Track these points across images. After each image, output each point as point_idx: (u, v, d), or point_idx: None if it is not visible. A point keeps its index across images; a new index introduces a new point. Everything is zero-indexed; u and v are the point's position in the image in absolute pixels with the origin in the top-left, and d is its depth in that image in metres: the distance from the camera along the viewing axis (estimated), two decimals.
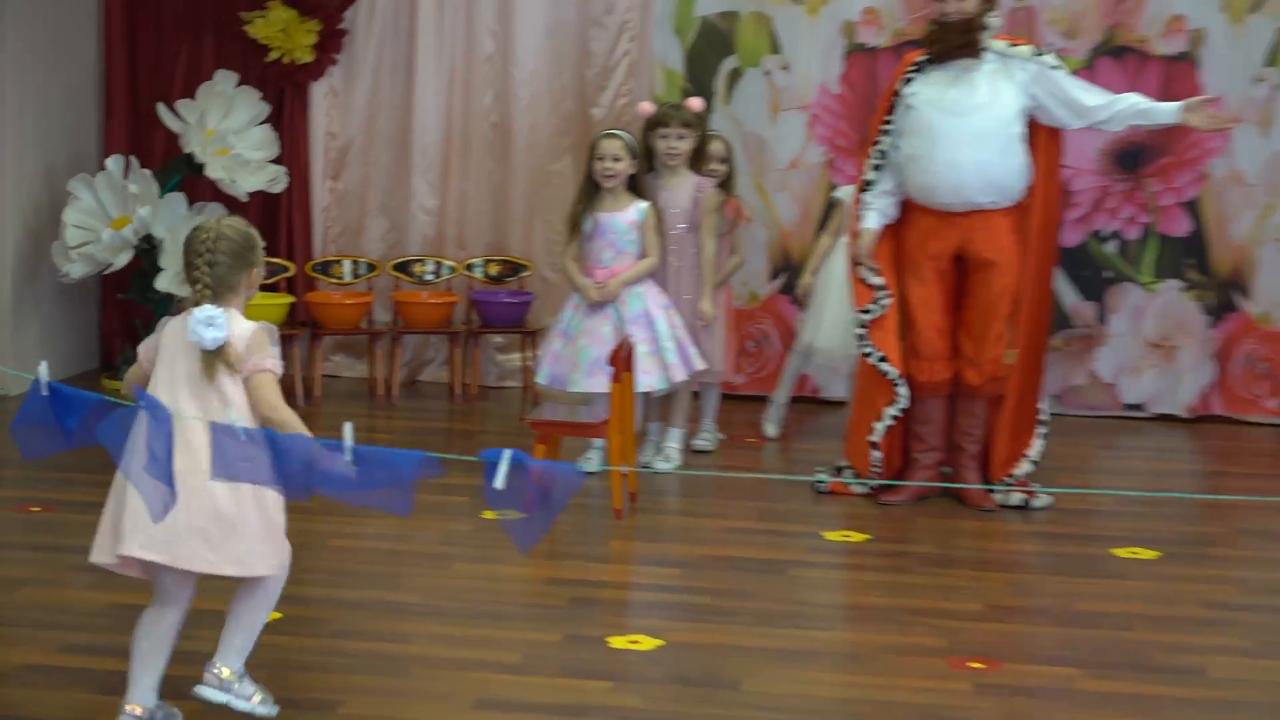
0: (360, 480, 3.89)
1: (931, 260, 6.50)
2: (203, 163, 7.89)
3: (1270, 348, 8.16)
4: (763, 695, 4.58)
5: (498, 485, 3.58)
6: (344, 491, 3.88)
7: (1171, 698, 4.64)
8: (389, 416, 7.58)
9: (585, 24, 8.35)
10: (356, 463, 3.82)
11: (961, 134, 6.30)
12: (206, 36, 8.30)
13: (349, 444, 3.62)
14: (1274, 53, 7.88)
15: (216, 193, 8.02)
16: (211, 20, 8.28)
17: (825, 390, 8.18)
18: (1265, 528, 6.48)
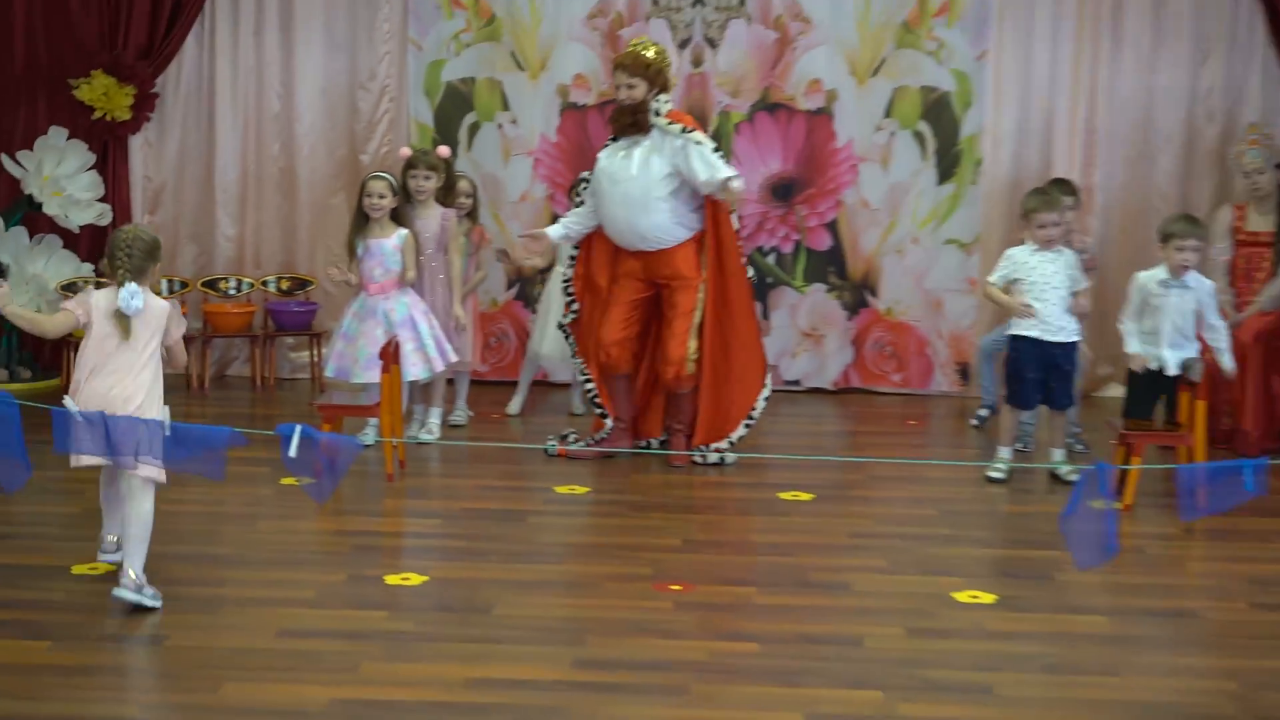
0: (181, 452, 4.80)
1: (625, 276, 7.07)
2: (41, 202, 8.49)
3: (894, 335, 9.09)
4: (508, 617, 4.90)
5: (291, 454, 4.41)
6: (170, 461, 4.71)
7: (826, 606, 5.10)
8: (202, 404, 7.94)
9: (353, 87, 9.00)
10: (176, 439, 4.64)
11: (615, 198, 6.90)
12: (41, 99, 8.70)
13: (168, 422, 4.48)
14: (890, 106, 8.86)
15: (53, 226, 8.60)
16: (45, 85, 8.72)
17: (553, 375, 8.79)
18: (893, 475, 7.07)
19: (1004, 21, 8.72)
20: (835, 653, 4.72)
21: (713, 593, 5.31)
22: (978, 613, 5.18)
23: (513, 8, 8.77)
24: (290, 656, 4.55)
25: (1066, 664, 4.71)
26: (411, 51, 8.86)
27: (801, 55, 8.75)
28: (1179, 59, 8.69)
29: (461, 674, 4.44)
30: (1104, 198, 8.81)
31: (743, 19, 8.85)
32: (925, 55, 8.75)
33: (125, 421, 4.58)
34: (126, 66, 8.55)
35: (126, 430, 4.61)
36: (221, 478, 4.81)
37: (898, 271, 8.95)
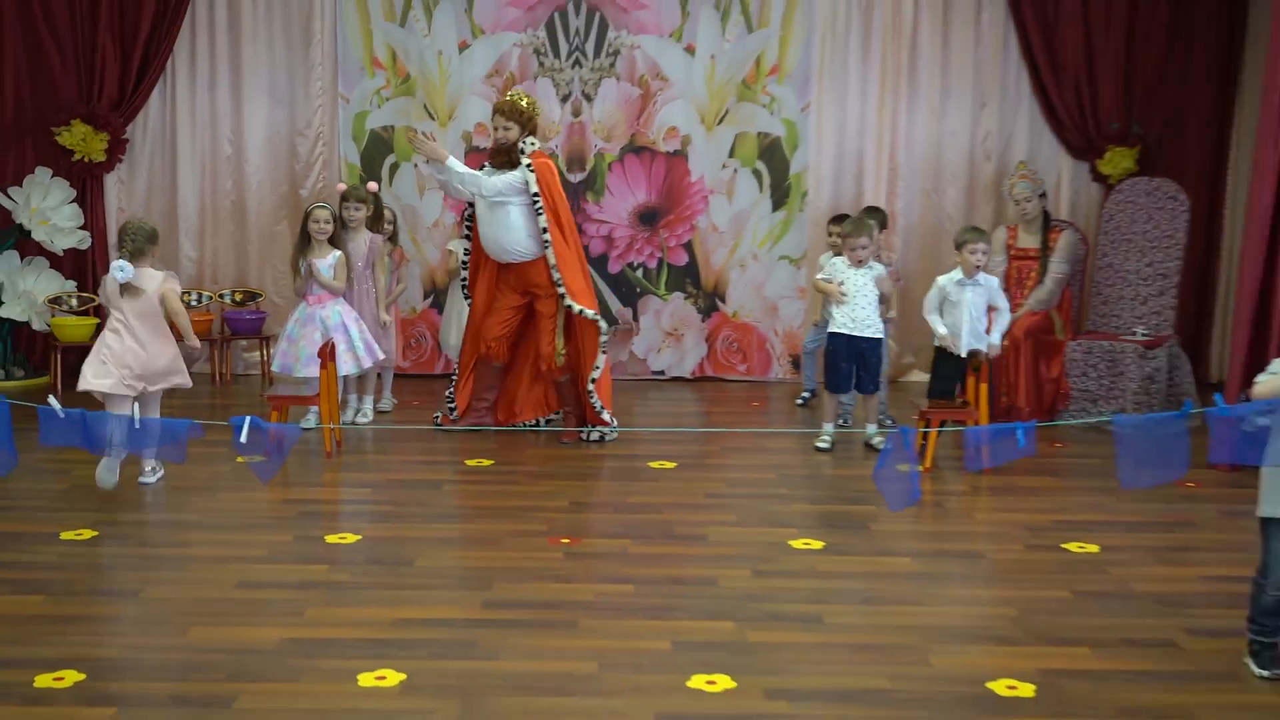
0: (149, 440, 4.85)
1: (503, 285, 7.07)
2: (30, 230, 8.38)
3: (739, 333, 9.14)
4: (429, 568, 4.94)
5: (242, 440, 4.37)
6: (138, 448, 4.79)
7: (687, 554, 5.16)
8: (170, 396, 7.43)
9: (292, 134, 8.91)
10: (145, 430, 4.61)
11: (487, 218, 6.92)
12: (28, 143, 8.58)
13: (137, 416, 4.46)
14: (733, 149, 8.92)
15: (41, 250, 8.48)
16: (31, 132, 8.59)
17: None
18: (740, 447, 7.15)
19: (823, 80, 8.78)
20: (695, 591, 4.77)
21: (595, 544, 5.35)
22: (809, 557, 5.24)
23: (424, 68, 8.74)
24: (247, 604, 4.55)
25: (880, 596, 4.80)
26: (341, 104, 8.78)
27: (661, 108, 8.79)
28: (962, 109, 8.82)
29: (390, 615, 4.46)
30: (904, 221, 8.86)
31: (613, 78, 8.88)
32: (760, 107, 8.83)
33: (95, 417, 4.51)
34: (101, 117, 8.48)
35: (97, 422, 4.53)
36: (183, 460, 4.71)
37: (741, 282, 8.99)
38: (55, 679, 3.87)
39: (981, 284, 6.78)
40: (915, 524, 5.77)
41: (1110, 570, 5.22)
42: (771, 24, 8.68)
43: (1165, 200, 8.24)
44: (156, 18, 8.45)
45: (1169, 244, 8.14)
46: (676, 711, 3.77)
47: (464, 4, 8.65)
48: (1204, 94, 8.84)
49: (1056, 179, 8.95)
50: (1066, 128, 8.85)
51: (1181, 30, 8.74)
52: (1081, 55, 8.74)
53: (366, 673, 3.98)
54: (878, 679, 4.04)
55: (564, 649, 4.21)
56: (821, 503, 6.19)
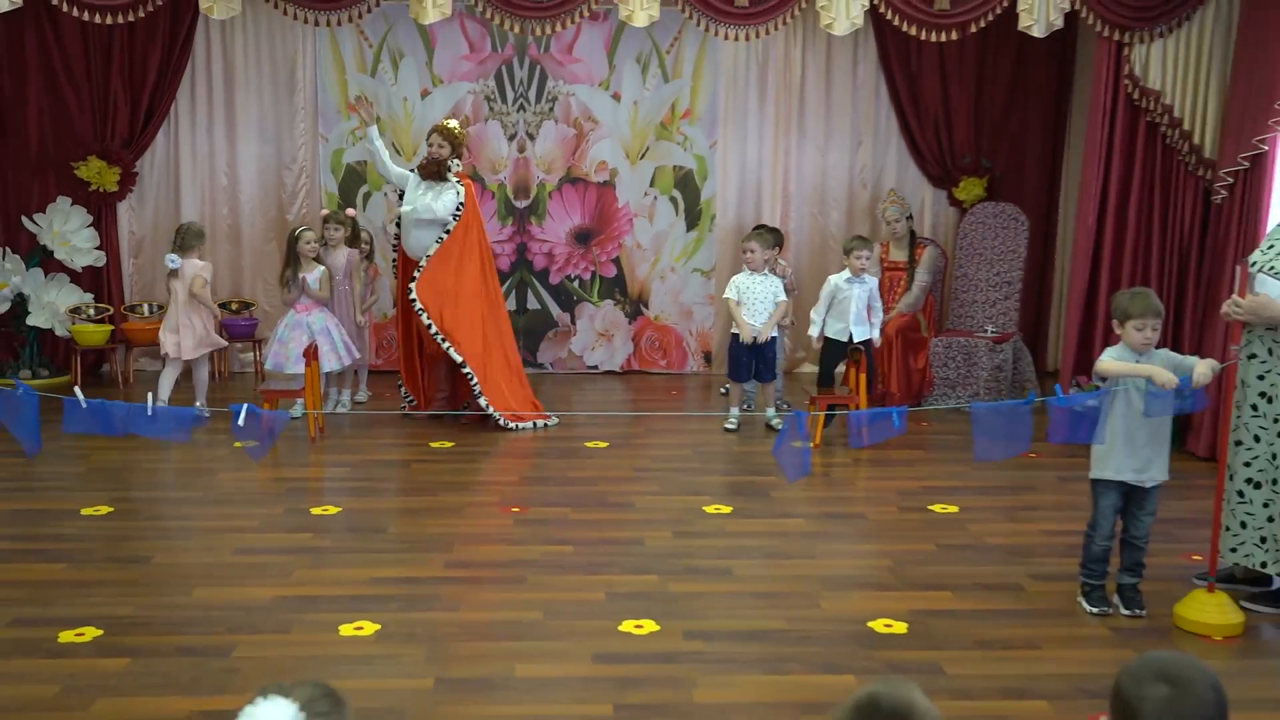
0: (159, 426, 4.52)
1: None
2: (52, 250, 8.20)
3: (660, 334, 9.06)
4: (400, 534, 4.96)
5: (240, 424, 4.35)
6: (150, 433, 4.48)
7: (618, 519, 5.18)
8: (177, 392, 7.37)
9: (280, 167, 8.74)
10: (154, 417, 4.38)
11: (411, 222, 6.88)
12: (50, 176, 8.37)
13: (151, 404, 4.32)
14: (653, 179, 8.84)
15: (62, 267, 8.26)
16: (53, 167, 8.38)
17: None
18: (663, 428, 7.10)
19: (727, 122, 8.72)
20: (625, 550, 4.80)
21: (541, 512, 5.34)
22: (720, 520, 5.27)
23: (392, 112, 8.58)
24: (243, 567, 4.54)
25: (779, 551, 4.86)
26: (321, 142, 8.61)
27: (593, 145, 8.68)
28: (842, 146, 8.79)
29: (366, 574, 4.47)
30: (796, 240, 8.80)
31: (552, 120, 8.80)
32: (675, 144, 8.76)
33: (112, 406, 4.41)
34: (114, 153, 8.32)
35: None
36: (188, 440, 4.63)
37: (662, 291, 8.94)
38: (77, 634, 3.86)
39: (865, 283, 6.81)
40: (808, 491, 5.79)
41: (968, 527, 5.31)
42: (684, 75, 8.64)
43: (1009, 221, 8.35)
44: (162, 67, 8.30)
45: (1012, 257, 8.25)
46: (610, 651, 3.80)
47: (425, 58, 8.53)
48: (1039, 135, 8.96)
49: (920, 203, 9.01)
50: (928, 161, 8.93)
51: (1021, 82, 8.87)
52: (939, 101, 8.82)
53: (346, 624, 3.98)
54: (778, 620, 4.09)
55: (514, 600, 4.23)
56: (730, 474, 6.21)
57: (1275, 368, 4.07)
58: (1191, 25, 6.75)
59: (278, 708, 1.53)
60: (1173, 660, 1.81)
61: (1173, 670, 1.77)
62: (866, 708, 1.64)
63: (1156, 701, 1.73)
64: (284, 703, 1.54)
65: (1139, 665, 1.81)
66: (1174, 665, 1.79)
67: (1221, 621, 4.05)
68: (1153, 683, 1.75)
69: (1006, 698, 3.48)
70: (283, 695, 1.56)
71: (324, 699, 1.60)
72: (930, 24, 6.77)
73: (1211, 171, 6.68)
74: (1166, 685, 1.74)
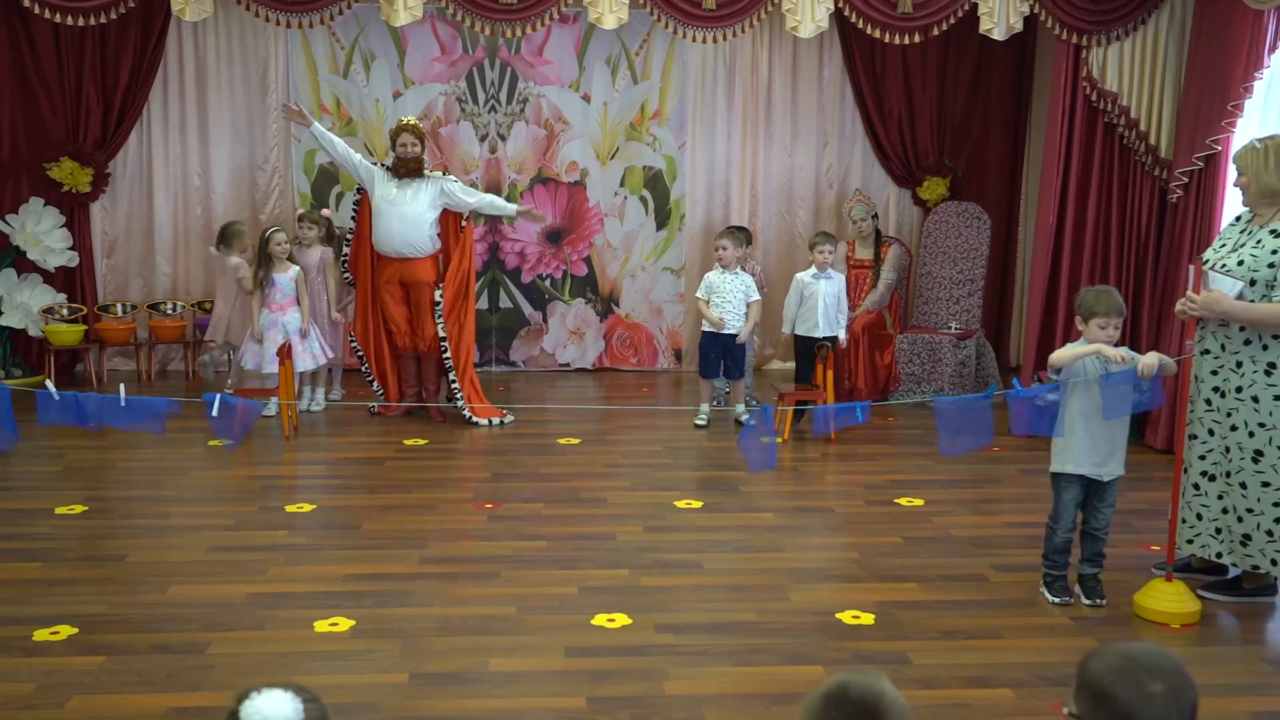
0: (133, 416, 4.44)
1: (386, 284, 6.98)
2: (25, 250, 8.12)
3: (631, 332, 9.06)
4: (372, 531, 4.92)
5: (214, 414, 4.27)
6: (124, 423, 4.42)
7: (590, 514, 5.16)
8: (150, 392, 7.42)
9: (253, 168, 8.70)
10: (128, 408, 4.31)
11: (392, 216, 6.84)
12: (23, 177, 8.31)
13: (124, 395, 4.27)
14: (623, 179, 8.83)
15: (35, 268, 8.20)
16: (25, 168, 8.31)
17: None
18: (634, 425, 7.03)
19: (696, 123, 8.74)
20: (597, 545, 4.78)
21: (514, 508, 5.31)
22: (690, 514, 5.25)
23: (364, 113, 8.54)
24: (218, 565, 4.50)
25: (748, 545, 4.85)
26: (293, 143, 8.55)
27: (564, 145, 8.67)
28: (809, 146, 8.83)
29: (340, 571, 4.43)
30: (764, 238, 8.83)
31: (523, 121, 8.77)
32: (645, 145, 8.75)
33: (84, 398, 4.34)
34: (86, 154, 8.26)
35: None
36: (162, 433, 4.51)
37: (632, 289, 8.93)
38: (52, 633, 3.82)
39: (831, 278, 6.87)
40: (777, 485, 5.80)
41: (933, 520, 5.33)
42: (653, 77, 8.65)
43: (971, 220, 8.40)
44: (134, 69, 8.25)
45: (975, 255, 8.29)
46: (583, 644, 3.79)
47: (396, 60, 8.50)
48: (1001, 136, 9.02)
49: (885, 203, 9.05)
50: (892, 161, 8.97)
51: (982, 85, 8.93)
52: (903, 104, 8.87)
53: (321, 620, 3.96)
54: (748, 613, 4.08)
55: (488, 596, 4.20)
56: (700, 470, 6.16)
57: (1228, 363, 4.11)
58: (1147, 29, 6.82)
59: (278, 696, 1.52)
60: (1148, 654, 1.80)
61: (1157, 665, 1.77)
62: (836, 696, 1.65)
63: (1159, 700, 1.72)
64: (280, 692, 1.53)
65: (1123, 664, 1.78)
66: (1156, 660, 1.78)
67: (1179, 610, 4.09)
68: (1148, 680, 1.74)
69: (971, 686, 3.50)
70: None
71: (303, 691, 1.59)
72: (893, 27, 6.81)
73: (1167, 171, 6.75)
74: (1160, 682, 1.74)
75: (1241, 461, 4.02)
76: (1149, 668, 1.76)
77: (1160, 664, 1.77)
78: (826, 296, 6.85)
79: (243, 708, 1.51)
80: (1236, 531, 4.16)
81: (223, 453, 6.23)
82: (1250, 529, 4.12)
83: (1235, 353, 4.09)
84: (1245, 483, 4.10)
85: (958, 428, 4.21)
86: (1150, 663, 1.76)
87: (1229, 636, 4.10)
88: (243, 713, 1.51)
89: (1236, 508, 4.15)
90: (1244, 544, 4.15)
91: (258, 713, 1.50)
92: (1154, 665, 1.76)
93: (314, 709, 1.55)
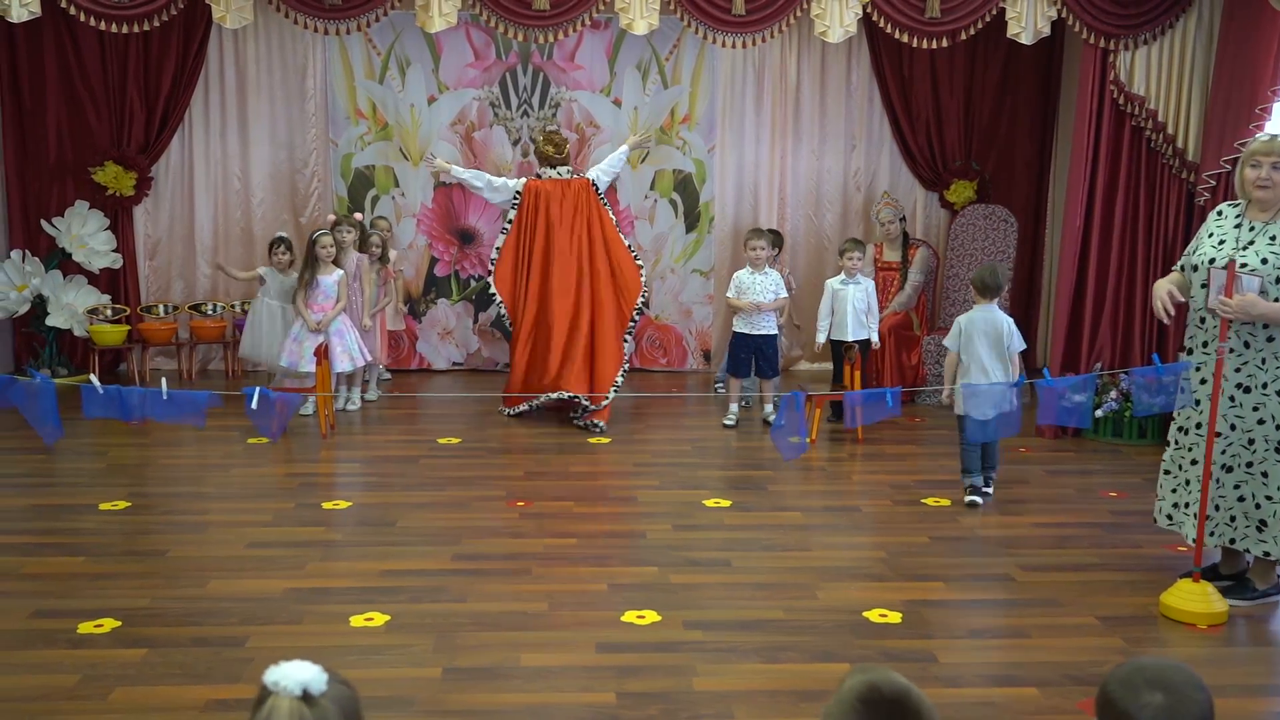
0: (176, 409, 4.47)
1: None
2: (70, 252, 8.20)
3: (661, 333, 9.03)
4: (407, 528, 4.92)
5: (253, 406, 4.32)
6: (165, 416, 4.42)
7: (620, 513, 5.17)
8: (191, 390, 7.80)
9: (292, 171, 8.73)
10: (170, 402, 4.30)
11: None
12: (69, 181, 8.39)
13: (165, 389, 4.29)
14: (654, 182, 8.80)
15: (80, 269, 8.26)
16: (71, 172, 8.40)
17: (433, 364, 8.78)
18: (663, 424, 7.03)
19: (725, 126, 8.71)
20: (627, 543, 4.79)
21: (545, 506, 5.31)
22: (719, 513, 5.24)
23: (399, 118, 8.55)
24: (256, 560, 4.52)
25: (777, 544, 4.83)
26: (331, 147, 8.58)
27: (595, 149, 8.57)
28: (837, 149, 8.78)
29: (376, 567, 4.44)
30: (792, 241, 8.73)
31: (555, 125, 8.70)
32: (675, 149, 8.71)
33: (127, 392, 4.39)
34: (130, 158, 8.33)
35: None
36: (202, 425, 4.54)
37: (662, 291, 8.87)
38: (95, 626, 3.85)
39: (860, 283, 6.89)
40: (805, 485, 5.81)
41: (959, 519, 5.31)
42: (683, 81, 8.61)
43: (999, 222, 8.35)
44: (176, 75, 8.31)
45: (1002, 257, 8.25)
46: (613, 640, 3.78)
47: (431, 65, 8.50)
48: (1028, 138, 8.94)
49: (913, 206, 9.00)
50: (920, 164, 8.92)
51: (1010, 87, 8.85)
52: (931, 107, 8.82)
53: (357, 615, 3.97)
54: (775, 611, 4.07)
55: (520, 592, 4.19)
56: (729, 469, 6.14)
57: (1252, 359, 4.11)
58: (1175, 33, 6.75)
59: (304, 666, 1.55)
60: (1161, 667, 1.79)
61: (1165, 677, 1.76)
62: (870, 698, 1.63)
63: (1155, 710, 1.71)
64: (308, 664, 1.56)
65: (1129, 674, 1.78)
66: (1164, 672, 1.77)
67: (1206, 610, 4.06)
68: (1148, 691, 1.74)
69: (997, 685, 3.47)
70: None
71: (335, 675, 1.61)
72: (921, 31, 6.78)
73: (1194, 174, 6.69)
74: (1161, 693, 1.73)
75: (1266, 453, 4.05)
76: (1153, 679, 1.75)
77: (1170, 677, 1.76)
78: (855, 301, 6.85)
79: (268, 672, 1.53)
80: (1253, 517, 4.16)
81: (262, 450, 6.26)
82: (1268, 515, 4.14)
83: (1260, 350, 4.09)
84: (1267, 472, 4.07)
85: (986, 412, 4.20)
86: (1157, 675, 1.76)
87: (1257, 637, 4.06)
88: (268, 677, 1.53)
89: (1255, 495, 4.15)
90: (1260, 529, 4.17)
91: (284, 675, 1.51)
92: (1160, 678, 1.75)
93: (340, 688, 1.56)
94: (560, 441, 6.59)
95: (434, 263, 8.73)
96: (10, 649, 3.64)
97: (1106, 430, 6.66)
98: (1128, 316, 7.00)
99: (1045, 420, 4.33)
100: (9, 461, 6.09)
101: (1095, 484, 5.78)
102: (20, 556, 4.51)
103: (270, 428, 4.54)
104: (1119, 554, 4.69)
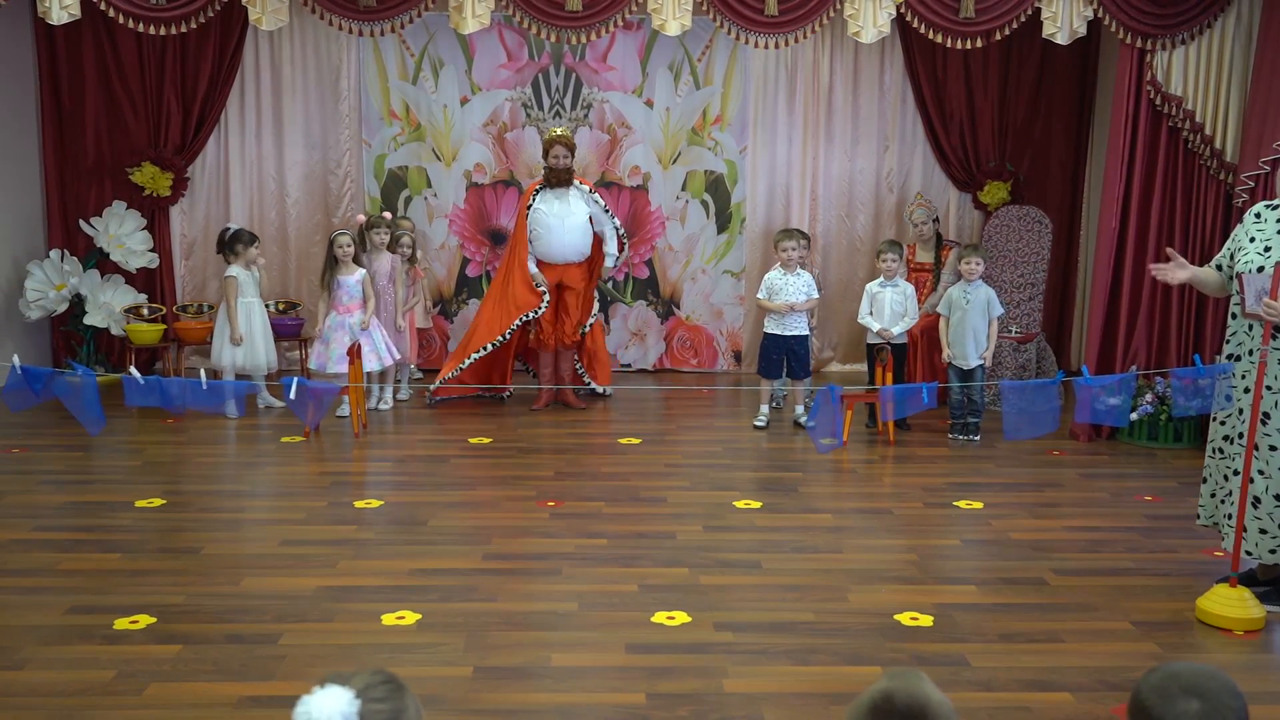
0: (215, 398, 4.85)
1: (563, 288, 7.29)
2: (108, 252, 8.27)
3: (691, 333, 9.04)
4: (439, 527, 4.93)
5: (291, 397, 4.50)
6: (203, 405, 4.73)
7: (650, 513, 5.17)
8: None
9: (325, 173, 8.79)
10: (208, 391, 4.63)
11: (561, 230, 7.21)
12: (107, 182, 8.48)
13: (204, 379, 4.50)
14: (685, 183, 8.82)
15: (117, 269, 8.35)
16: (109, 173, 8.49)
17: None
18: (696, 424, 7.08)
19: (757, 127, 8.72)
20: (657, 543, 4.76)
21: (575, 506, 5.32)
22: (750, 514, 5.23)
23: (432, 119, 8.59)
24: (289, 558, 4.54)
25: (808, 546, 4.82)
26: (364, 148, 8.62)
27: (626, 150, 8.67)
28: (869, 150, 8.77)
29: (407, 566, 4.45)
30: (824, 242, 8.79)
31: (587, 126, 8.78)
32: (707, 149, 8.71)
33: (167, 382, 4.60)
34: (166, 159, 8.40)
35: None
36: (241, 414, 4.93)
37: (693, 292, 8.92)
38: (131, 622, 3.87)
39: (898, 285, 6.90)
40: (835, 487, 5.79)
41: (992, 523, 5.27)
42: (715, 82, 8.61)
43: (1033, 224, 8.28)
44: (212, 76, 8.39)
45: (1036, 259, 8.18)
46: (643, 641, 3.78)
47: (464, 66, 8.54)
48: (1063, 140, 8.90)
49: (946, 207, 8.97)
50: (953, 165, 8.88)
51: (1044, 88, 8.81)
52: (964, 108, 8.79)
53: (389, 613, 3.98)
54: (806, 613, 4.05)
55: (550, 592, 4.20)
56: (759, 470, 6.12)
57: None
58: (1213, 33, 6.68)
59: (334, 695, 1.52)
60: (1196, 673, 1.77)
61: (1199, 684, 1.73)
62: (882, 707, 1.61)
63: (1190, 716, 1.69)
64: (340, 690, 1.53)
65: (1163, 680, 1.76)
66: (1199, 678, 1.75)
67: (1243, 616, 4.01)
68: (1182, 697, 1.71)
69: (1030, 690, 3.44)
70: (340, 684, 1.55)
71: (381, 685, 1.58)
72: (955, 31, 6.74)
73: (1233, 175, 6.61)
74: (1196, 699, 1.71)
75: None
76: (1188, 686, 1.73)
77: (1205, 684, 1.73)
78: (893, 303, 6.84)
79: (299, 705, 1.50)
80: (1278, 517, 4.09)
81: (295, 449, 6.32)
82: None
83: None
84: None
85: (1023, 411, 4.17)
86: (1192, 682, 1.73)
87: None
88: (298, 711, 1.51)
89: None
90: None
91: (315, 708, 1.48)
92: (1195, 684, 1.73)
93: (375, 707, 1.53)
94: (591, 442, 6.61)
95: (466, 263, 8.75)
96: (47, 644, 3.66)
97: (1141, 434, 6.59)
98: (1164, 319, 6.93)
99: (1082, 419, 4.29)
100: (47, 459, 6.15)
101: (1130, 488, 5.73)
102: (57, 553, 4.54)
103: (308, 417, 4.74)
104: (1154, 558, 4.64)
